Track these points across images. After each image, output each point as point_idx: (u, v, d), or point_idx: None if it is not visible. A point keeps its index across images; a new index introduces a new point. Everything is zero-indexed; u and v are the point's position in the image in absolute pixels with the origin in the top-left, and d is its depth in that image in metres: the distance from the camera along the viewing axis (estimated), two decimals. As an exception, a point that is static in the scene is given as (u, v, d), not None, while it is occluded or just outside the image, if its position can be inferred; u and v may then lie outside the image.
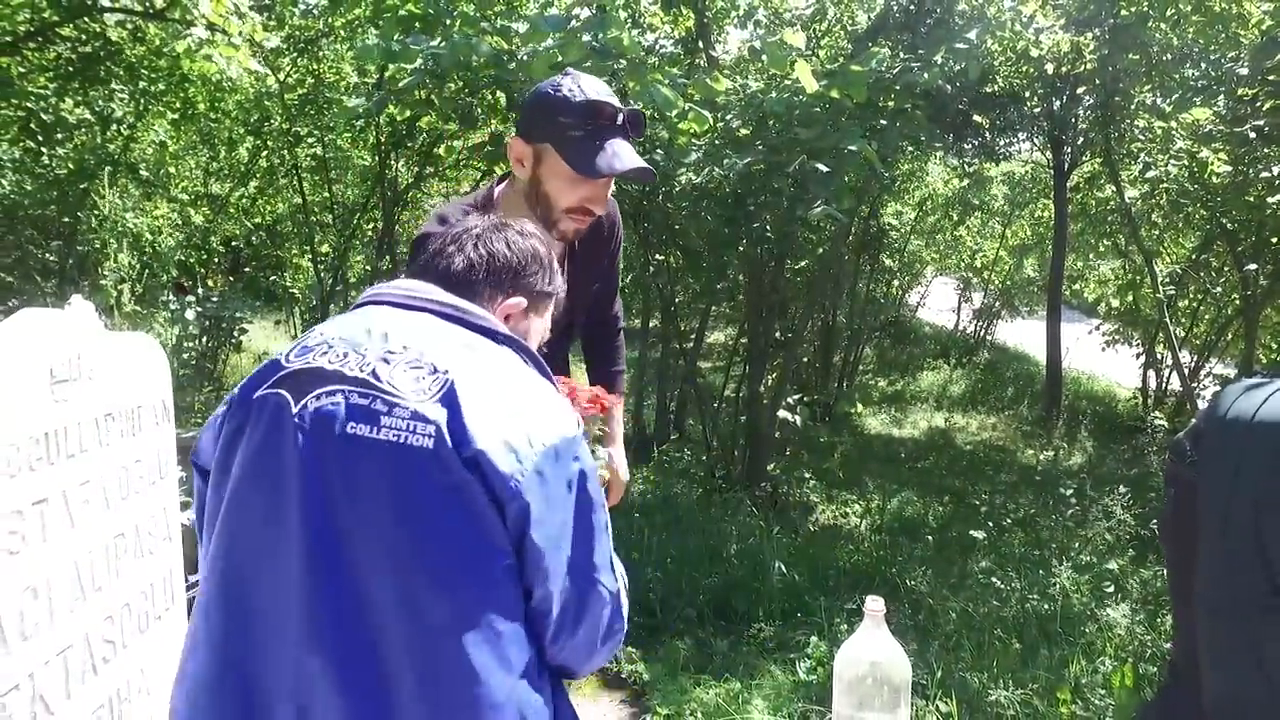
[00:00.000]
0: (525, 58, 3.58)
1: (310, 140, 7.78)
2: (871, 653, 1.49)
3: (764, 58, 3.53)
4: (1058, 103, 8.10)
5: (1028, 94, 8.04)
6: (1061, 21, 6.72)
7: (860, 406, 8.44)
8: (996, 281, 11.92)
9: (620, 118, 1.54)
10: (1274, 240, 5.37)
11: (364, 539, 0.90)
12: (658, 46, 7.70)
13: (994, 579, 4.08)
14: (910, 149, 8.00)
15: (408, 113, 5.70)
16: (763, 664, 3.16)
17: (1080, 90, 7.57)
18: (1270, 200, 4.68)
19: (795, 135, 3.99)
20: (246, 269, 9.35)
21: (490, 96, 5.01)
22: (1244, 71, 4.67)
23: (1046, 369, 9.14)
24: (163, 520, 1.61)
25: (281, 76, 7.28)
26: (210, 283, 8.37)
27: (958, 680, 2.96)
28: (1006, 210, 11.30)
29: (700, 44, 6.10)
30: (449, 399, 0.94)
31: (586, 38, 3.35)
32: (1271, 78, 4.43)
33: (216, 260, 9.05)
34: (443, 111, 5.40)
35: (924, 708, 2.80)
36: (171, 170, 7.70)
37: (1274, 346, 6.72)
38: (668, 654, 3.19)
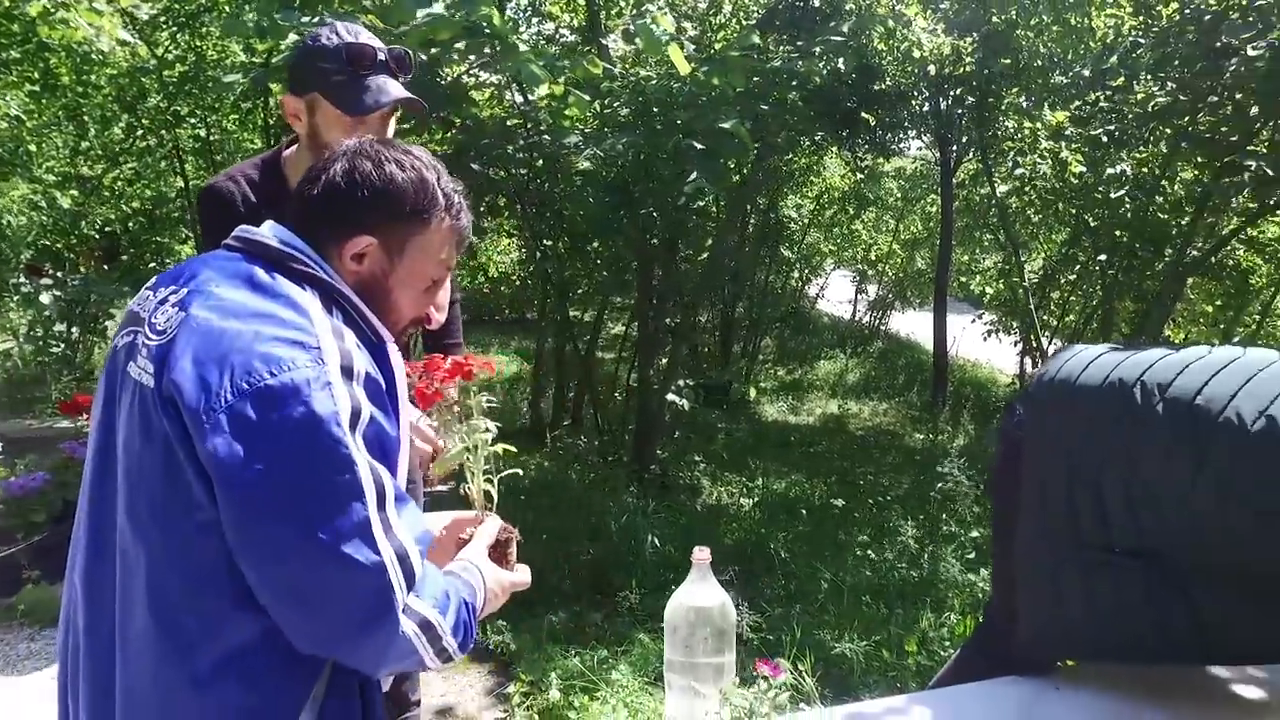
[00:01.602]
0: (400, 36, 3.53)
1: (193, 120, 7.42)
2: (697, 599, 1.55)
3: (638, 40, 3.59)
4: (943, 103, 8.49)
5: (914, 93, 8.41)
6: (943, 25, 7.08)
7: (753, 390, 8.66)
8: (890, 274, 12.40)
9: (382, 56, 1.58)
10: (1118, 234, 5.81)
11: (119, 472, 0.96)
12: (558, 36, 7.71)
13: (868, 551, 4.29)
14: (806, 143, 8.26)
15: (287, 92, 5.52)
16: (633, 633, 3.22)
17: (960, 91, 7.97)
18: (1114, 197, 5.06)
19: (674, 118, 4.07)
20: (124, 256, 8.84)
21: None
22: (1087, 74, 5.04)
23: (933, 357, 9.58)
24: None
25: (160, 52, 6.90)
26: (82, 269, 7.87)
27: (815, 640, 3.10)
28: (899, 205, 11.77)
29: (592, 33, 6.14)
30: (174, 337, 0.92)
31: (457, 16, 3.34)
32: (1112, 83, 4.79)
33: (89, 246, 8.51)
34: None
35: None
36: (32, 149, 7.18)
37: (1129, 334, 7.25)
38: (534, 625, 3.22)
